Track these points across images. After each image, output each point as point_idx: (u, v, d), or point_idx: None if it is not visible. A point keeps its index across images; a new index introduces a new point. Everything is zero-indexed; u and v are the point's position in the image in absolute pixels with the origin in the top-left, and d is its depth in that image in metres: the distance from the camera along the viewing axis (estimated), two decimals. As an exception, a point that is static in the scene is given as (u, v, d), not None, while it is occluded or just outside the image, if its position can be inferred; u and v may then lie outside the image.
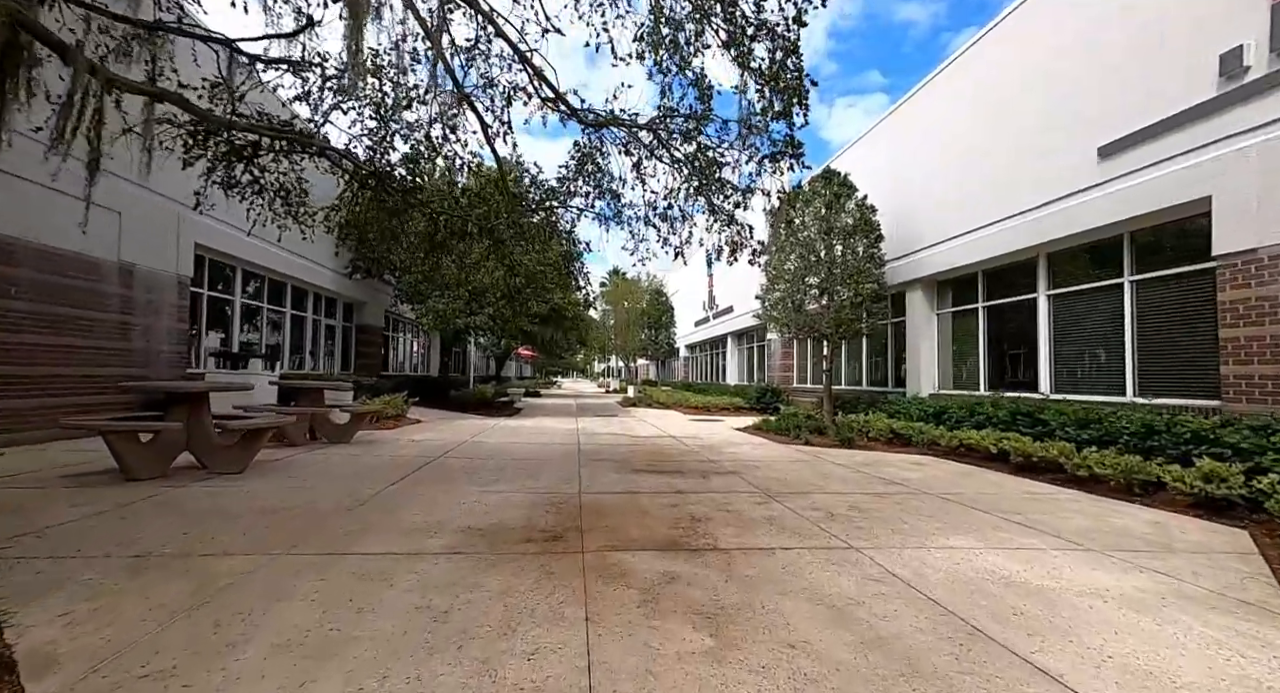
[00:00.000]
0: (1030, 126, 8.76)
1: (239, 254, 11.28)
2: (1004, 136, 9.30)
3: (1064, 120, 8.12)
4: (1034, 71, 8.76)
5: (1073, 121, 7.95)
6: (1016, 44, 9.21)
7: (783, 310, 11.73)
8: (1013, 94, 9.15)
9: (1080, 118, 7.84)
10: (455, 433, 10.45)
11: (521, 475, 6.26)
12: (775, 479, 6.35)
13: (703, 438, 10.62)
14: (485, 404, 17.12)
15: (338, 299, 16.59)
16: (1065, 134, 8.07)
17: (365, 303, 17.63)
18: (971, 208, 9.85)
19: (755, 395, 17.41)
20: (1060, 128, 8.18)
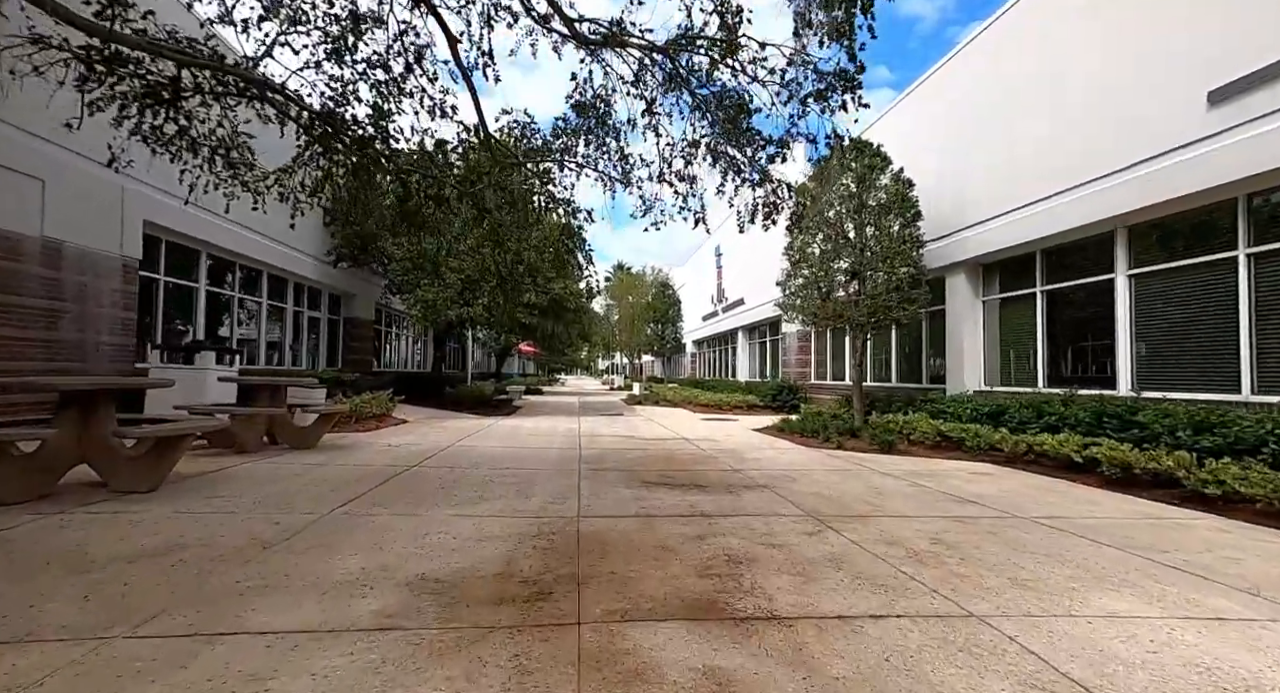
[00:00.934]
0: (1108, 76, 7.51)
1: (204, 236, 10.15)
2: (1072, 91, 8.05)
3: (1158, 63, 6.85)
4: (1115, 7, 7.50)
5: (1172, 63, 6.68)
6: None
7: (807, 299, 10.53)
8: (1086, 39, 7.88)
9: (1182, 57, 6.57)
10: (441, 435, 9.31)
11: (509, 491, 5.10)
12: (819, 495, 5.17)
13: (719, 441, 9.45)
14: (481, 403, 16.00)
15: (323, 290, 15.47)
16: (1160, 80, 6.81)
17: (355, 295, 16.51)
18: (1028, 178, 8.62)
19: (770, 393, 16.24)
20: (1153, 73, 6.91)
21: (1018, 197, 8.78)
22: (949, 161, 10.48)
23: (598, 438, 9.61)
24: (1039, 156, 8.45)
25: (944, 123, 10.83)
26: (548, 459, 7.09)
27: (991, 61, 9.73)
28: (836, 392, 15.04)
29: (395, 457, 6.85)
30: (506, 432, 10.31)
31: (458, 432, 9.93)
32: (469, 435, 9.44)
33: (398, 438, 8.74)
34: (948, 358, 10.36)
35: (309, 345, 14.92)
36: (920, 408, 9.51)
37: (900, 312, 9.25)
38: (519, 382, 28.92)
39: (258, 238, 11.67)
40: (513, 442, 8.79)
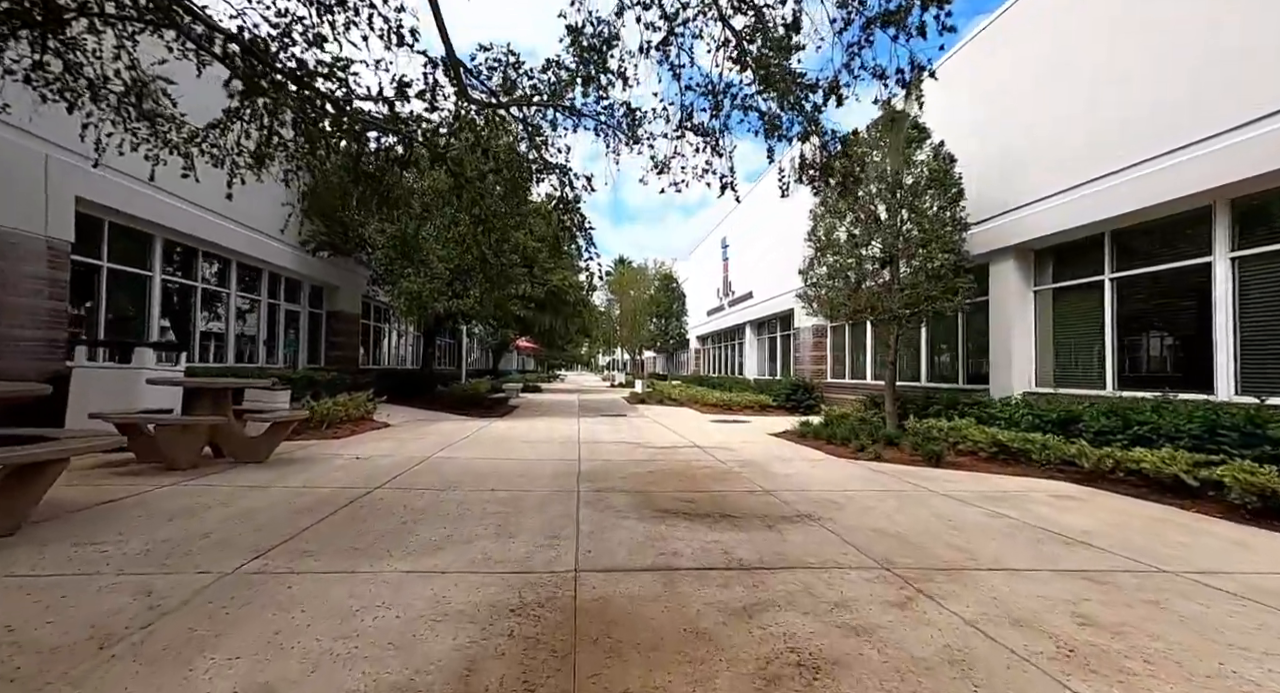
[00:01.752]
0: (1218, 14, 6.34)
1: (157, 218, 9.02)
2: (1163, 39, 6.89)
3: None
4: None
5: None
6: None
7: (834, 289, 9.39)
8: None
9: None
10: (422, 443, 8.20)
11: (488, 527, 4.00)
12: (883, 532, 4.06)
13: (736, 449, 8.34)
14: (475, 402, 14.91)
15: (303, 282, 14.34)
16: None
17: (338, 288, 15.38)
18: (1098, 148, 7.47)
19: (784, 392, 15.14)
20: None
21: (1087, 169, 7.63)
22: (996, 134, 9.31)
23: (599, 446, 8.50)
24: (1121, 121, 7.27)
25: (992, 88, 9.65)
26: (540, 476, 5.98)
27: (1058, 14, 8.50)
28: (858, 391, 13.94)
29: (358, 474, 5.74)
30: (497, 438, 9.20)
31: (441, 438, 8.82)
32: (453, 443, 8.33)
33: (371, 447, 7.63)
34: (992, 356, 9.23)
35: (286, 341, 13.80)
36: (964, 412, 8.39)
37: (944, 303, 8.11)
38: (517, 379, 27.83)
39: (224, 222, 10.54)
40: (502, 452, 7.69)
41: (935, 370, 11.44)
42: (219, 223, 10.42)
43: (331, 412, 9.07)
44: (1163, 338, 7.19)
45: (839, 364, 15.75)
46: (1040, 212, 8.28)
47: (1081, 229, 7.71)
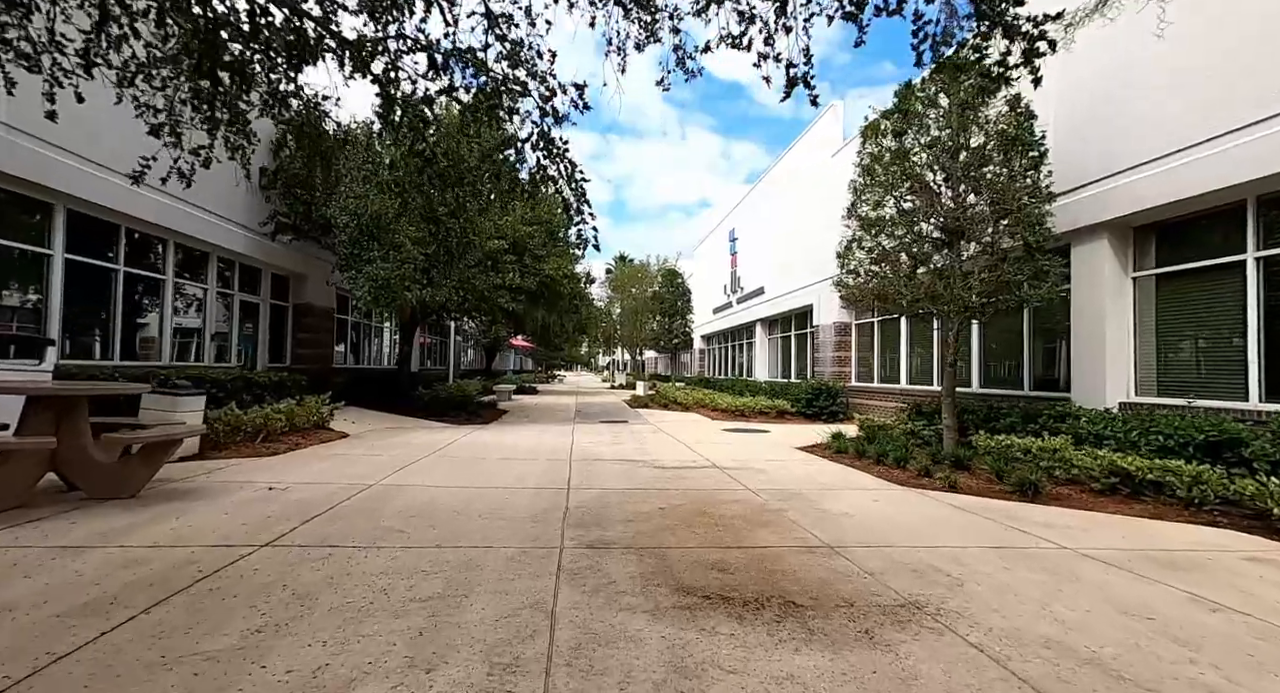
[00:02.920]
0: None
1: (60, 186, 7.39)
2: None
3: None
4: None
5: None
6: None
7: (883, 276, 7.73)
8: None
9: None
10: (373, 462, 6.56)
11: (396, 641, 2.36)
12: (1066, 650, 2.42)
13: (765, 470, 6.70)
14: (458, 407, 13.26)
15: (263, 270, 12.70)
16: None
17: (306, 277, 13.73)
18: (1246, 86, 5.81)
19: (805, 397, 13.50)
20: None
21: (1218, 119, 5.98)
22: (1083, 79, 7.65)
23: (596, 466, 6.86)
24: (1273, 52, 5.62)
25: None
26: (513, 518, 4.34)
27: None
28: (891, 397, 12.29)
29: (255, 517, 4.10)
30: (472, 454, 7.56)
31: (402, 454, 7.18)
32: (414, 462, 6.69)
33: (304, 470, 5.98)
34: (1074, 357, 7.58)
35: (242, 337, 12.16)
36: (1049, 427, 6.74)
37: (1030, 290, 6.45)
38: (511, 380, 26.19)
39: (155, 196, 8.90)
40: (471, 476, 6.04)
41: (990, 375, 9.79)
42: (148, 196, 8.78)
43: (270, 421, 7.42)
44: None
45: (865, 366, 14.09)
46: (1145, 177, 6.63)
47: (1210, 196, 6.06)
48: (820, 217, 15.61)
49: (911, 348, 12.16)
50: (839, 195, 15.01)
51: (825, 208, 15.37)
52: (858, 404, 13.81)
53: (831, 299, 14.73)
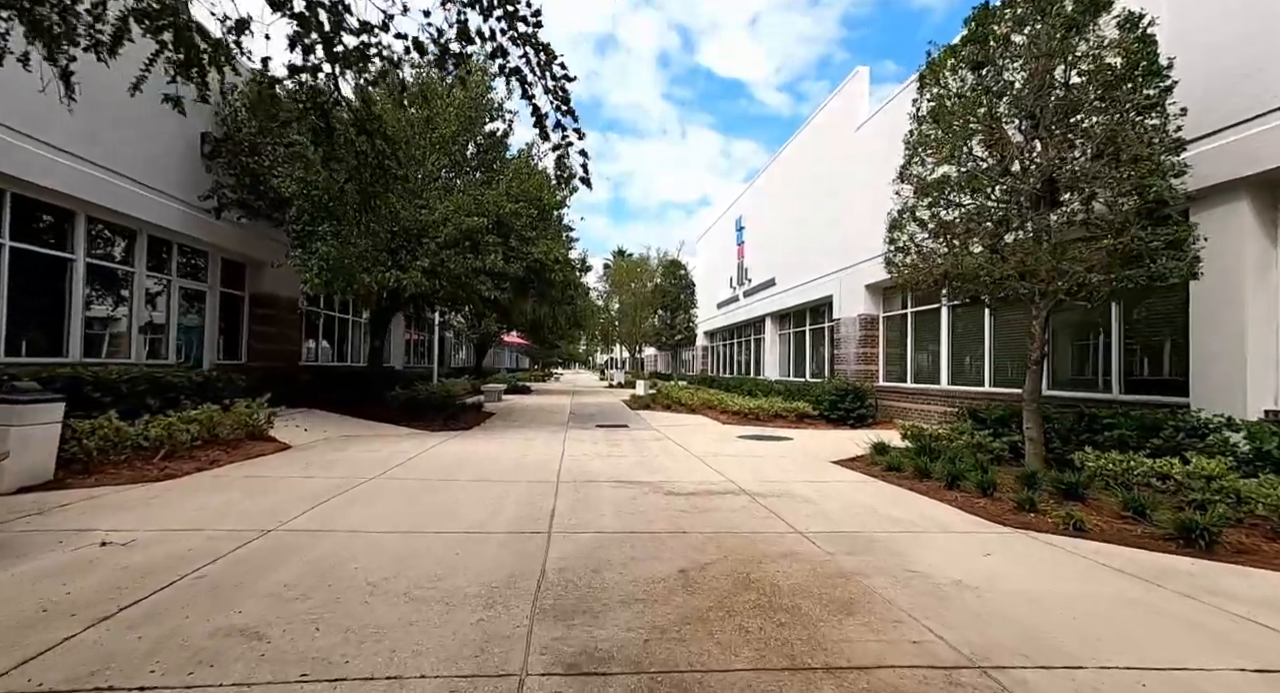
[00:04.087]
0: None
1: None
2: None
3: None
4: None
5: None
6: None
7: (955, 253, 6.12)
8: None
9: None
10: (295, 491, 4.98)
11: None
12: None
13: (815, 501, 5.13)
14: (438, 409, 11.68)
15: (209, 254, 11.08)
16: None
17: (265, 263, 12.09)
18: None
19: (829, 399, 11.93)
20: None
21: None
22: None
23: (589, 493, 5.28)
24: None
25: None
26: (456, 598, 2.77)
27: None
28: (930, 399, 10.74)
29: (17, 614, 2.52)
30: (434, 474, 5.98)
31: (341, 477, 5.59)
32: (352, 488, 5.11)
33: (180, 506, 4.40)
34: (1196, 353, 6.01)
35: (183, 330, 10.54)
36: (1172, 442, 5.18)
37: (1171, 263, 4.86)
38: (502, 379, 24.60)
39: (54, 156, 7.30)
40: (422, 510, 4.46)
41: (1059, 374, 8.21)
42: (44, 155, 7.17)
43: (174, 433, 5.82)
44: None
45: (896, 364, 12.53)
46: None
47: None
48: (842, 198, 14.04)
49: (954, 342, 10.60)
50: (865, 173, 13.47)
51: (849, 188, 13.81)
52: (888, 407, 12.26)
53: (856, 289, 13.17)
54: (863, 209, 13.16)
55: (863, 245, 13.07)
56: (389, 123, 10.21)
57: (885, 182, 12.60)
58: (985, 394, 9.32)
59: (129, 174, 8.56)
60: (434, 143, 10.52)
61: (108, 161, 8.20)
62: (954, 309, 10.55)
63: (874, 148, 12.80)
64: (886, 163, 12.53)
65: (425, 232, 9.47)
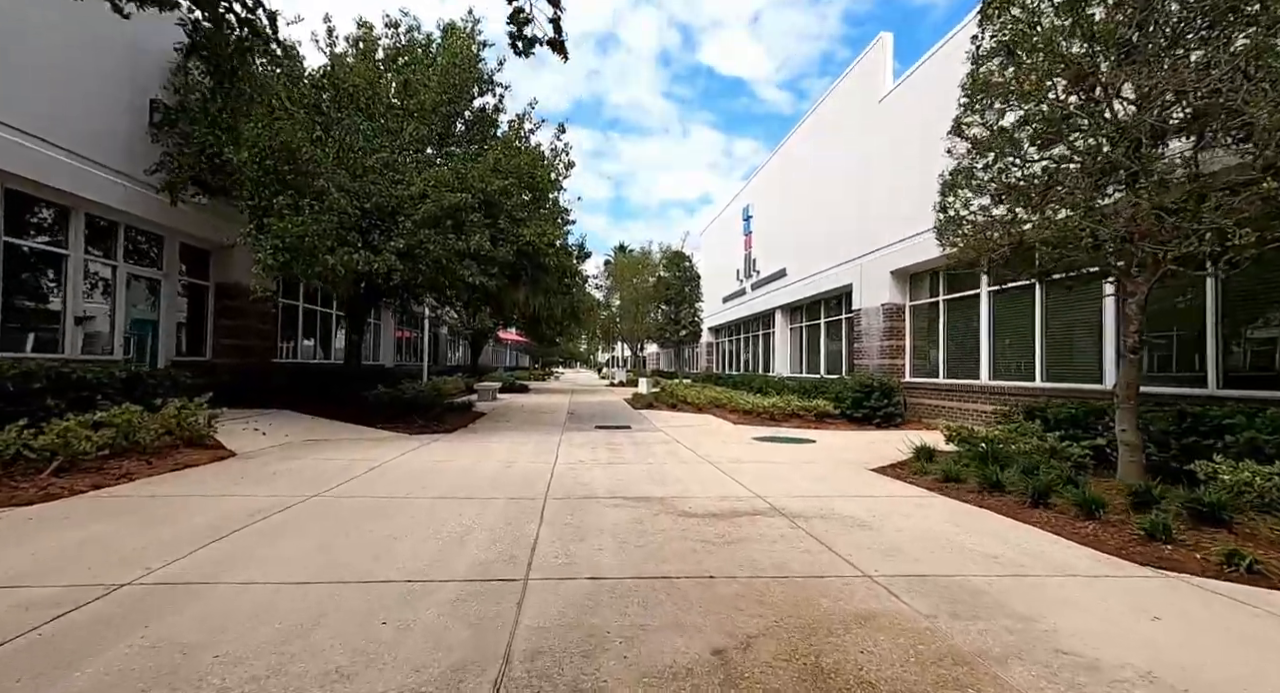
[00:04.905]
0: None
1: None
2: None
3: None
4: None
5: None
6: None
7: (1047, 220, 4.94)
8: None
9: None
10: (200, 515, 3.88)
11: None
12: None
13: (873, 525, 4.01)
14: (423, 409, 10.61)
15: (165, 238, 9.99)
16: None
17: (232, 249, 10.98)
18: None
19: (852, 396, 10.81)
20: None
21: None
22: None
23: (584, 514, 4.17)
24: None
25: None
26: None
27: None
28: (969, 397, 9.59)
29: None
30: (392, 489, 4.87)
31: (274, 496, 4.48)
32: (283, 510, 4.01)
33: (33, 543, 3.30)
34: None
35: (133, 322, 9.45)
36: None
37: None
38: (498, 377, 23.49)
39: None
40: (356, 547, 3.35)
41: (1145, 365, 7.06)
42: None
43: (71, 442, 4.71)
44: None
45: (926, 357, 11.40)
46: None
47: None
48: (864, 177, 12.90)
49: (996, 332, 9.46)
50: (890, 149, 12.29)
51: (871, 166, 12.67)
52: (916, 405, 11.14)
53: (879, 277, 12.04)
54: (887, 188, 12.03)
55: (887, 228, 11.94)
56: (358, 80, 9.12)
57: (913, 156, 11.52)
58: (1036, 390, 8.19)
59: (58, 142, 7.46)
60: (412, 110, 9.41)
61: (30, 126, 7.10)
62: (996, 295, 9.41)
63: (900, 121, 11.66)
64: (914, 136, 11.44)
65: (401, 208, 8.35)
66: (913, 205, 10.99)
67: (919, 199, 10.76)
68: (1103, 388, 7.21)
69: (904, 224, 11.19)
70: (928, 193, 10.71)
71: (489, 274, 9.30)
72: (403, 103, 9.55)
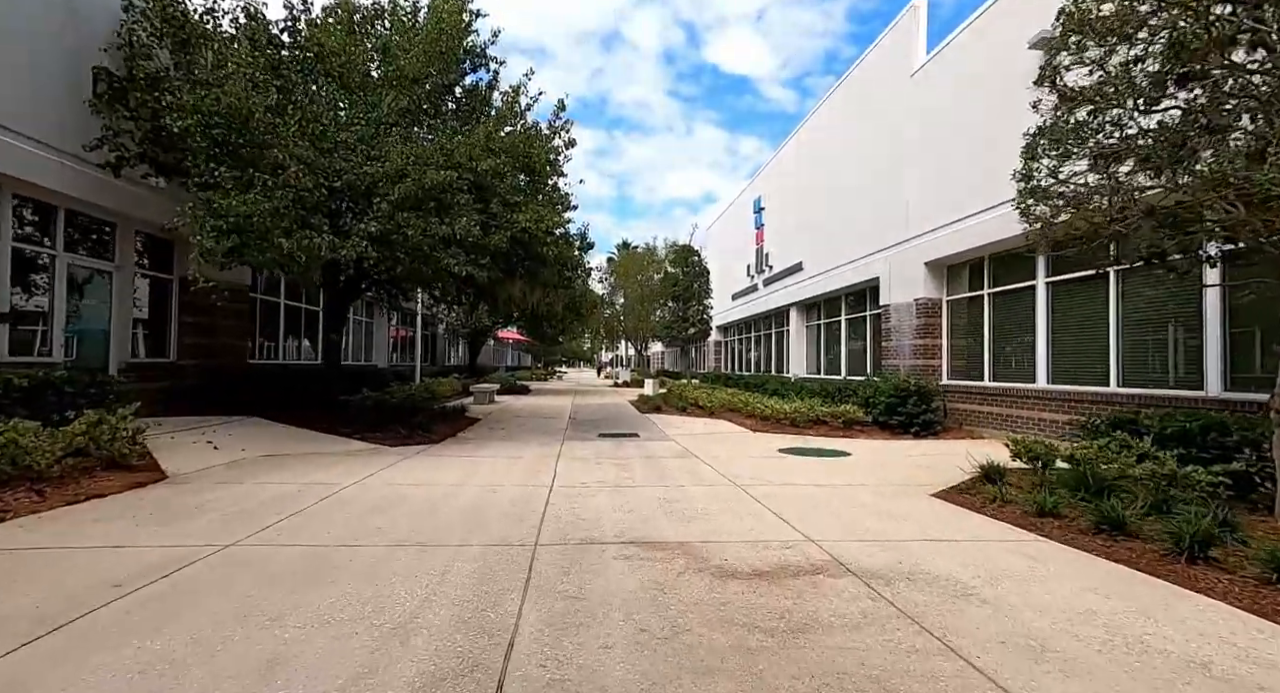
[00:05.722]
0: None
1: None
2: None
3: None
4: None
5: None
6: None
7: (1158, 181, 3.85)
8: None
9: None
10: (29, 589, 2.79)
11: None
12: None
13: (984, 594, 2.89)
14: (407, 415, 9.56)
15: (117, 225, 8.93)
16: None
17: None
18: None
19: (884, 402, 9.68)
20: None
21: None
22: None
23: (587, 570, 3.07)
24: None
25: None
26: None
27: None
28: (1023, 403, 8.44)
29: None
30: (328, 542, 3.77)
31: (169, 549, 3.39)
32: (165, 577, 2.93)
33: None
34: None
35: (77, 319, 8.39)
36: None
37: None
38: (497, 378, 22.42)
39: None
40: (241, 660, 2.24)
41: (1241, 365, 5.92)
42: None
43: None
44: None
45: (967, 357, 10.25)
46: None
47: None
48: (893, 161, 11.75)
49: (1055, 329, 8.31)
50: (925, 128, 11.02)
51: (902, 148, 11.52)
52: (956, 411, 10.00)
53: (912, 269, 10.90)
54: (921, 172, 10.89)
55: (920, 216, 10.81)
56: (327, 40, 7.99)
57: (955, 133, 10.37)
58: (1111, 397, 7.05)
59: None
60: (392, 78, 8.30)
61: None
62: (1055, 287, 8.27)
63: (937, 96, 10.51)
64: (957, 111, 10.27)
65: (376, 188, 7.26)
66: (955, 188, 9.85)
67: (962, 181, 9.63)
68: (1202, 394, 6.07)
69: (943, 209, 10.06)
70: (974, 173, 9.60)
71: (479, 264, 8.21)
72: (382, 72, 8.45)
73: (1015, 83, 8.36)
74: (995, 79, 8.83)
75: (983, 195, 8.96)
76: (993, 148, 8.82)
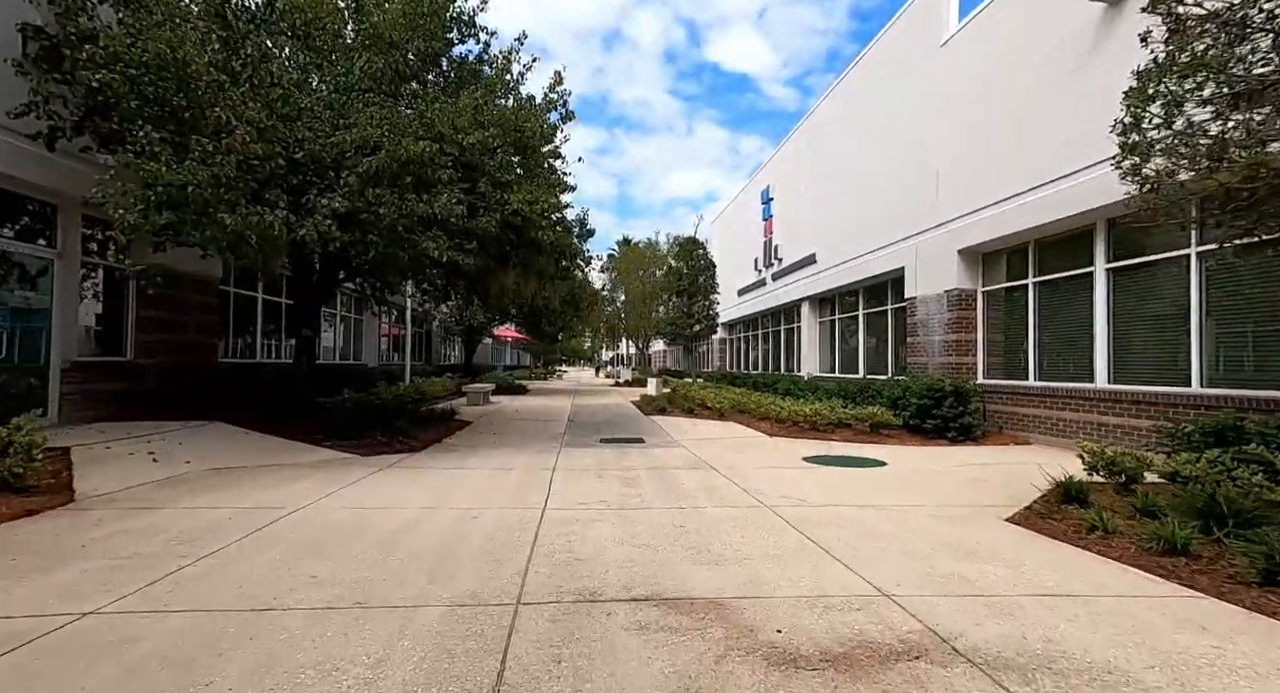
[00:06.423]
0: None
1: None
2: None
3: None
4: None
5: None
6: None
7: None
8: None
9: None
10: None
11: None
12: None
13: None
14: (390, 418, 8.61)
15: (56, 206, 7.98)
16: None
17: (160, 226, 8.89)
18: None
19: (916, 403, 8.72)
20: None
21: None
22: None
23: (594, 663, 2.10)
24: None
25: None
26: None
27: None
28: (1081, 404, 7.46)
29: None
30: (235, 608, 2.80)
31: (6, 628, 2.44)
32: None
33: None
34: None
35: (13, 314, 7.44)
36: None
37: None
38: (493, 377, 21.44)
39: None
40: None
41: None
42: None
43: None
44: None
45: (1005, 354, 9.28)
46: None
47: None
48: (921, 140, 10.77)
49: (1116, 322, 7.34)
50: (958, 102, 9.98)
51: (931, 125, 10.54)
52: (995, 413, 9.04)
53: (942, 258, 9.93)
54: (953, 151, 9.91)
55: (951, 200, 9.85)
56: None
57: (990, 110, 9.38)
58: (1193, 399, 6.08)
59: None
60: (366, 38, 7.34)
61: None
62: (1116, 274, 7.31)
63: (974, 66, 9.53)
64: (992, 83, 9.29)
65: (344, 160, 6.30)
66: (993, 168, 8.88)
67: (1001, 159, 8.65)
68: None
69: (978, 192, 9.10)
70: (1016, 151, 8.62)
71: (464, 250, 7.25)
72: (356, 30, 7.49)
73: (1071, 41, 7.43)
74: (1047, 39, 7.84)
75: (1026, 173, 8.00)
76: (1040, 119, 7.85)
